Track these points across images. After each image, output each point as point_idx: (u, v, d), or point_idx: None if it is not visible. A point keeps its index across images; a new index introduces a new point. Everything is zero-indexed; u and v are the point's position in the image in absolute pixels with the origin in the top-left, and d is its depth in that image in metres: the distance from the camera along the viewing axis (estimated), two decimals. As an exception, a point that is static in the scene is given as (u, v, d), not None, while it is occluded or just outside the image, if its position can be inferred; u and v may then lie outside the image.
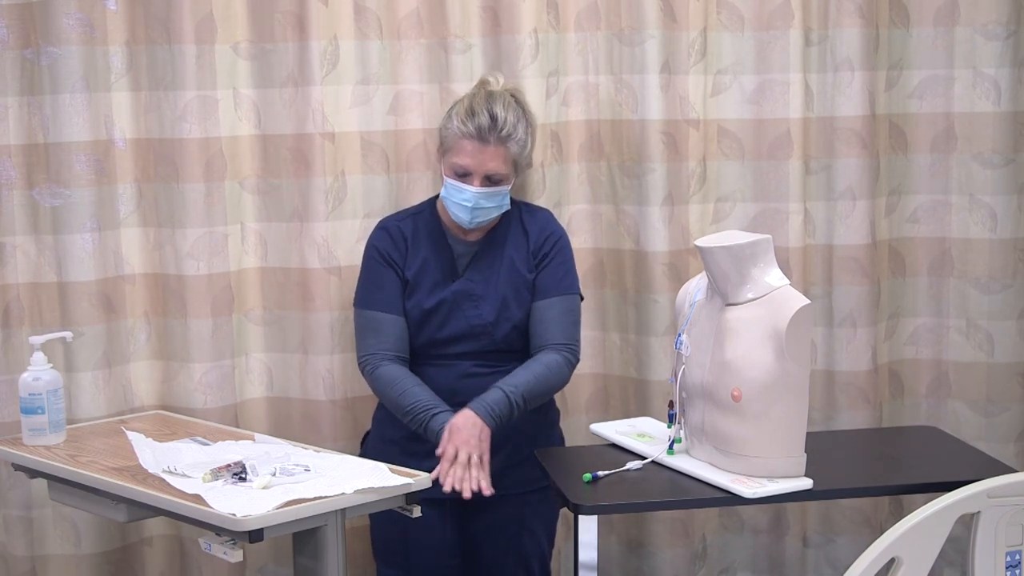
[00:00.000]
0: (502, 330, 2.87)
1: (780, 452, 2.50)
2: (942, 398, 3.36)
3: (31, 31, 2.93)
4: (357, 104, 3.08)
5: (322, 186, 3.07)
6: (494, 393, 2.75)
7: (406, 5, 3.09)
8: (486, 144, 2.78)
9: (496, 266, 2.89)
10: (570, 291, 2.91)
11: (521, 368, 2.83)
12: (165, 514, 2.47)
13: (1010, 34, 3.21)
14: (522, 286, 2.89)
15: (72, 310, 3.00)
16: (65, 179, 2.97)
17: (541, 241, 2.91)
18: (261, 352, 3.15)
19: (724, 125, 3.22)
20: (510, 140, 2.80)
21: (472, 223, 2.84)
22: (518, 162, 2.85)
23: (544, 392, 2.85)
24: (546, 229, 2.93)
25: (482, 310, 2.85)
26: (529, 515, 2.94)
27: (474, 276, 2.89)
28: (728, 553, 3.38)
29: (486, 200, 2.81)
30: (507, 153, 2.80)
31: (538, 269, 2.89)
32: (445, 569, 2.94)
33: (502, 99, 2.82)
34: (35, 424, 2.74)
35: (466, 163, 2.79)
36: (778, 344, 2.46)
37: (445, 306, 2.87)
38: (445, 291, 2.86)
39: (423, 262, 2.90)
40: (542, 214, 2.99)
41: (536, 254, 2.90)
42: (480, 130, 2.77)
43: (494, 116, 2.78)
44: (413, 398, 2.79)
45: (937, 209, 3.31)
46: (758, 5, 3.17)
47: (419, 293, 2.89)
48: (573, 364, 2.89)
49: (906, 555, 2.34)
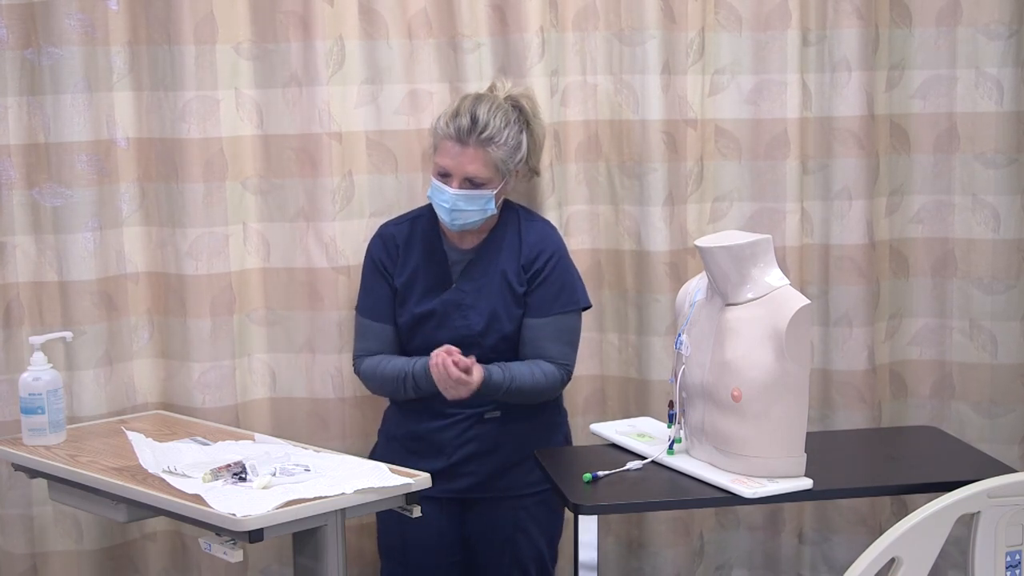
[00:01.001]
0: (491, 340, 2.86)
1: (780, 452, 2.50)
2: (945, 399, 3.36)
3: (32, 31, 2.94)
4: (364, 104, 3.08)
5: (329, 186, 3.07)
6: (493, 366, 2.79)
7: (414, 4, 3.09)
8: (465, 146, 2.78)
9: (489, 276, 2.89)
10: (566, 309, 2.89)
11: (523, 363, 2.84)
12: (165, 514, 2.47)
13: (1012, 33, 3.20)
14: (511, 298, 2.88)
15: (73, 309, 3.01)
16: (66, 179, 2.98)
17: (532, 257, 2.88)
18: (264, 352, 3.15)
19: (721, 125, 3.22)
20: (491, 144, 2.79)
21: (453, 225, 2.83)
22: (503, 167, 2.82)
23: (531, 395, 2.85)
24: (538, 245, 2.90)
25: (471, 320, 2.85)
26: (525, 518, 2.93)
27: (465, 286, 2.89)
28: (725, 550, 3.39)
29: (465, 203, 2.80)
30: (487, 157, 2.79)
31: (530, 285, 2.88)
32: (444, 566, 2.95)
33: (491, 102, 2.82)
34: (35, 424, 2.74)
35: (446, 164, 2.80)
36: (778, 344, 2.45)
37: (435, 315, 2.88)
38: (435, 300, 2.87)
39: (414, 269, 2.91)
40: (539, 226, 2.95)
41: (527, 269, 2.88)
42: (460, 131, 2.78)
43: (475, 119, 2.78)
44: (394, 366, 2.87)
45: (940, 209, 3.31)
46: (756, 5, 3.17)
47: (411, 300, 2.90)
48: (565, 381, 2.90)
49: (906, 555, 2.33)
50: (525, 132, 2.86)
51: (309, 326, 3.13)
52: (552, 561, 3.03)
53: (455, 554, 2.96)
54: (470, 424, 2.88)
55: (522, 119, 2.86)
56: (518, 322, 2.88)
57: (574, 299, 2.91)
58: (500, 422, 2.89)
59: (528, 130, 2.88)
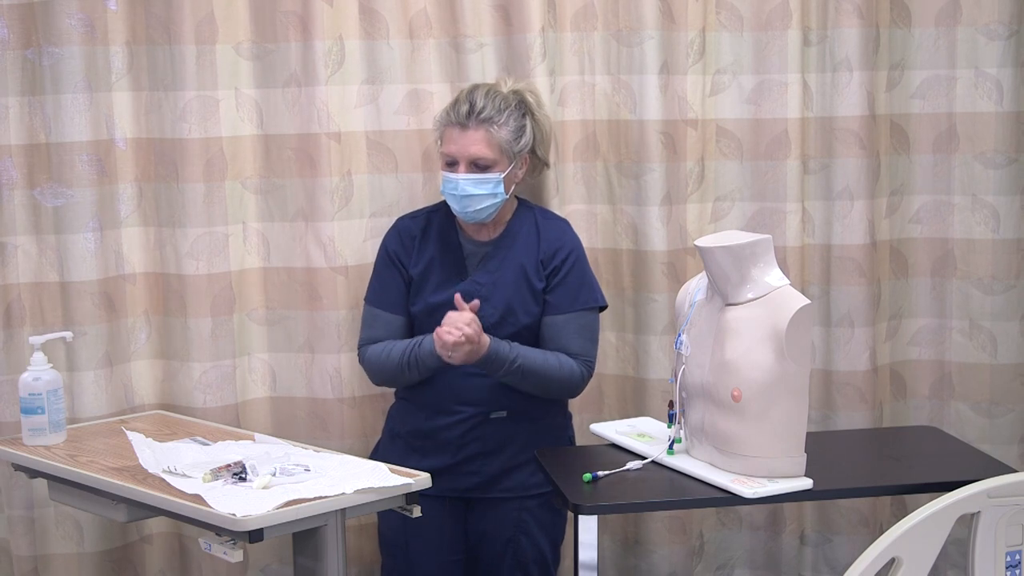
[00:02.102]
0: (504, 333, 2.86)
1: (780, 452, 2.50)
2: (945, 399, 3.36)
3: (32, 31, 2.94)
4: (363, 104, 3.08)
5: (328, 186, 3.07)
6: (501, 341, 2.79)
7: (415, 4, 3.10)
8: (466, 129, 2.81)
9: (505, 268, 2.89)
10: (587, 306, 2.90)
11: (536, 349, 2.85)
12: (165, 514, 2.47)
13: (1012, 34, 3.20)
14: (528, 293, 2.88)
15: (74, 309, 3.01)
16: (67, 179, 2.98)
17: (551, 253, 2.90)
18: (264, 352, 3.16)
19: (722, 125, 3.23)
20: (491, 124, 2.81)
21: (465, 213, 2.84)
22: (508, 149, 2.83)
23: (546, 381, 2.84)
24: (557, 241, 2.92)
25: (485, 312, 2.85)
26: (528, 519, 2.93)
27: (481, 277, 2.89)
28: (725, 550, 3.39)
29: (474, 186, 2.81)
30: (490, 137, 2.81)
31: (549, 282, 2.89)
32: (446, 565, 2.94)
33: (487, 89, 2.86)
34: (35, 424, 2.74)
35: (451, 150, 2.83)
36: (778, 344, 2.45)
37: (450, 305, 2.87)
38: (450, 290, 2.87)
39: (430, 261, 2.91)
40: (558, 223, 2.98)
41: (546, 265, 2.90)
42: (460, 116, 2.82)
43: (473, 102, 2.82)
44: (399, 348, 2.86)
45: (939, 209, 3.31)
46: (757, 5, 3.17)
47: (425, 290, 2.90)
48: (586, 377, 2.90)
49: (906, 555, 2.33)
50: (529, 119, 2.87)
51: (308, 326, 3.13)
52: (555, 563, 3.03)
53: (457, 553, 2.96)
54: (476, 423, 2.88)
55: (524, 107, 2.88)
56: (534, 317, 2.88)
57: (594, 297, 2.92)
58: (505, 422, 2.89)
59: (533, 119, 2.89)
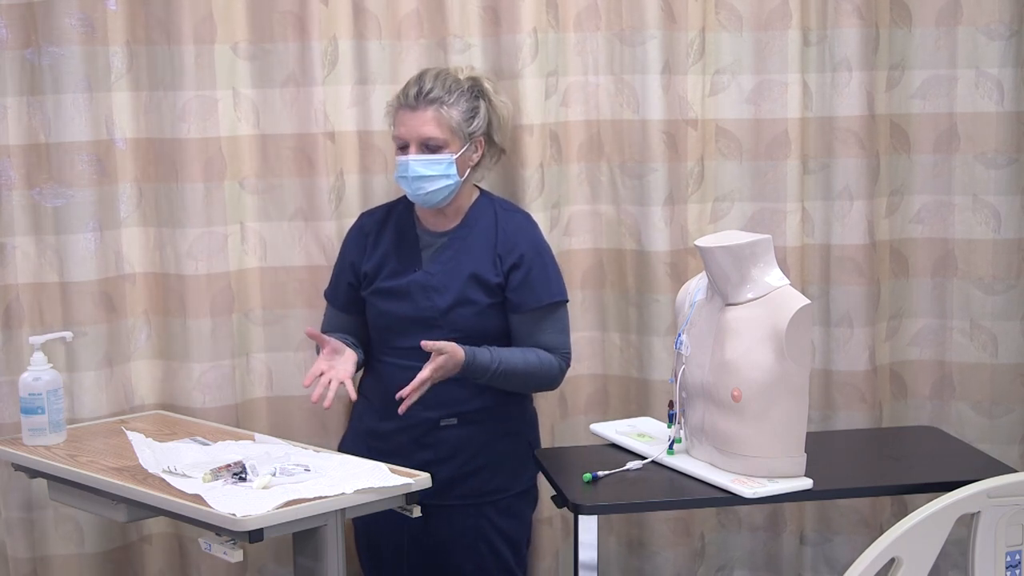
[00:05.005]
0: (454, 322, 2.82)
1: (780, 452, 2.50)
2: (946, 400, 3.35)
3: (32, 31, 2.93)
4: (355, 104, 3.09)
5: (325, 185, 3.08)
6: (479, 348, 2.76)
7: (406, 5, 3.10)
8: (415, 110, 2.80)
9: (459, 259, 2.86)
10: (552, 300, 2.87)
11: (515, 349, 2.83)
12: (165, 514, 2.47)
13: (1013, 33, 3.20)
14: (480, 285, 2.84)
15: (74, 310, 3.00)
16: (66, 179, 2.98)
17: (509, 247, 2.86)
18: (263, 351, 3.15)
19: (722, 125, 3.22)
20: (440, 104, 2.79)
21: (417, 196, 2.82)
22: (459, 130, 2.81)
23: (528, 378, 2.82)
24: (514, 237, 2.87)
25: (435, 301, 2.83)
26: (486, 526, 2.89)
27: (433, 268, 2.87)
28: (726, 550, 3.38)
29: (425, 167, 2.79)
30: (440, 117, 2.79)
31: (510, 279, 2.85)
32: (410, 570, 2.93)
33: (437, 72, 2.86)
34: (35, 424, 2.74)
35: (401, 132, 2.83)
36: (778, 344, 2.45)
37: (400, 293, 2.86)
38: (402, 279, 2.86)
39: (384, 254, 2.91)
40: (517, 218, 2.94)
41: (504, 260, 2.85)
42: (407, 97, 2.82)
43: (422, 84, 2.82)
44: None
45: (940, 209, 3.31)
46: (756, 5, 3.17)
47: (378, 279, 2.90)
48: (564, 369, 2.88)
49: (906, 555, 2.33)
50: (484, 102, 2.85)
51: (307, 326, 3.12)
52: (521, 569, 2.99)
53: (425, 560, 2.92)
54: (426, 430, 2.85)
55: (479, 91, 2.86)
56: (485, 310, 2.84)
57: (560, 290, 2.89)
58: (457, 429, 2.85)
59: (490, 104, 2.87)
